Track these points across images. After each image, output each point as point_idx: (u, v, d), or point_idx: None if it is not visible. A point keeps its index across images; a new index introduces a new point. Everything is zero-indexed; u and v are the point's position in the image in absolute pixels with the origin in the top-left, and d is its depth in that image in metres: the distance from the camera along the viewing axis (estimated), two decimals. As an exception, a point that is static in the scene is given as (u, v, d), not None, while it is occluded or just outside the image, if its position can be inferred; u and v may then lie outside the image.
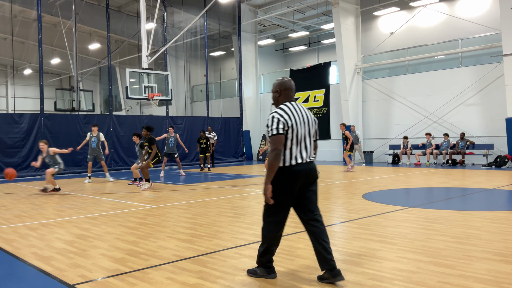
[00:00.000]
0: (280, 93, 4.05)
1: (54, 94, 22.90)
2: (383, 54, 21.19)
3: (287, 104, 3.97)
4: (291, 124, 3.85)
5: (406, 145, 19.19)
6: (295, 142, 3.88)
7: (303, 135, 3.93)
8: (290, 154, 3.87)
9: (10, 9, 20.75)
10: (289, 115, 3.87)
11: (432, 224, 6.35)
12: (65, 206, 9.11)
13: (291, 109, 3.92)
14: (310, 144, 4.00)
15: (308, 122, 4.00)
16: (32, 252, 5.26)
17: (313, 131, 4.07)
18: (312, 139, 4.06)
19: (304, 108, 4.05)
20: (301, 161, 3.89)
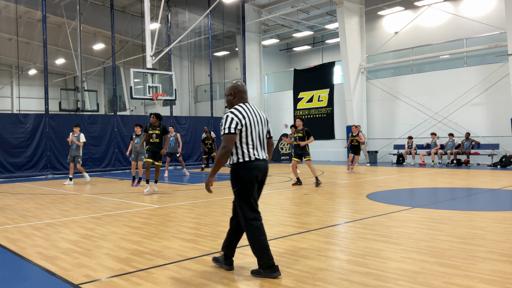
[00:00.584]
0: (234, 95, 4.32)
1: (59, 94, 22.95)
2: (387, 53, 21.13)
3: (241, 105, 4.23)
4: (244, 123, 4.10)
5: (410, 145, 19.13)
6: (250, 140, 4.15)
7: (257, 134, 4.20)
8: (247, 151, 4.13)
9: (15, 9, 20.84)
10: (243, 115, 4.13)
11: (437, 224, 6.33)
12: (69, 206, 9.14)
13: (245, 109, 4.18)
14: (264, 143, 4.29)
15: (261, 122, 4.28)
16: (37, 252, 5.28)
17: (265, 131, 4.35)
18: (265, 138, 4.34)
19: (257, 109, 4.34)
20: (259, 158, 4.17)
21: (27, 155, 16.67)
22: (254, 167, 4.13)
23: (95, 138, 18.46)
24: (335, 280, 3.99)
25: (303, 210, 7.87)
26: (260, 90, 25.82)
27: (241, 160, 4.12)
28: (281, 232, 6.02)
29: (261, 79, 25.88)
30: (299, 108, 24.15)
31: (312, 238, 5.65)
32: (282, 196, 9.89)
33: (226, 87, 4.40)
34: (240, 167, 4.12)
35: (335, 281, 3.96)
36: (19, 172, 16.42)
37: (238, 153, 4.13)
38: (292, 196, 9.78)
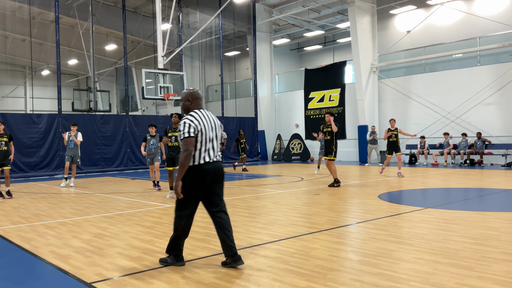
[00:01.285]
0: (192, 102, 4.61)
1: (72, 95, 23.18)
2: (399, 52, 20.98)
3: (197, 111, 4.53)
4: (200, 129, 4.39)
5: (423, 145, 18.97)
6: (204, 144, 4.42)
7: (211, 138, 4.49)
8: (199, 155, 4.40)
9: (28, 11, 21.09)
10: (199, 120, 4.42)
11: (450, 225, 6.27)
12: (82, 205, 9.23)
13: (200, 115, 4.47)
14: (216, 146, 4.57)
15: (215, 127, 4.58)
16: (50, 251, 5.33)
17: (219, 135, 4.64)
18: (218, 141, 4.62)
19: (211, 115, 4.64)
20: (209, 160, 4.43)
21: (40, 154, 16.86)
22: (204, 170, 4.40)
23: (107, 138, 18.60)
24: (346, 281, 3.97)
25: (314, 210, 7.85)
26: (271, 90, 25.81)
27: (191, 163, 4.39)
28: (292, 232, 6.01)
29: (272, 79, 25.86)
30: (310, 107, 24.09)
31: (323, 238, 5.63)
32: (293, 196, 9.87)
33: (183, 93, 4.65)
34: (191, 169, 4.38)
35: (347, 282, 3.94)
36: (33, 171, 16.61)
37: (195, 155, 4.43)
38: (303, 196, 9.76)
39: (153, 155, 11.65)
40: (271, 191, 10.95)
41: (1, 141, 10.43)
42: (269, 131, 25.56)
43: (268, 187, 11.83)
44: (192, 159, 4.37)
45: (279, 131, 25.75)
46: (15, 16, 24.79)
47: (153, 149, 11.60)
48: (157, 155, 11.69)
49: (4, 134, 10.52)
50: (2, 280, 4.31)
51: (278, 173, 16.21)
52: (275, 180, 13.58)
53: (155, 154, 11.67)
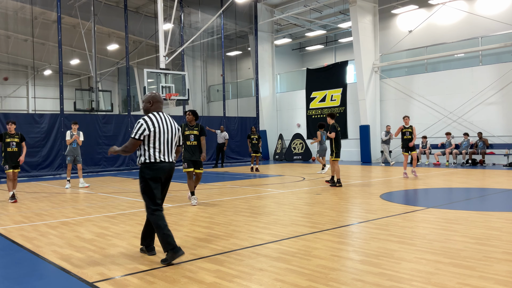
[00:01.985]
0: (152, 104, 4.93)
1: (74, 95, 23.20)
2: (401, 52, 20.96)
3: (155, 113, 4.86)
4: (153, 130, 4.72)
5: (425, 144, 18.95)
6: (158, 144, 4.76)
7: (165, 140, 4.81)
8: (153, 153, 4.75)
9: (31, 11, 21.13)
10: (154, 122, 4.75)
11: (452, 224, 6.26)
12: (84, 205, 9.25)
13: (157, 118, 4.81)
14: (171, 148, 4.90)
15: (172, 130, 4.91)
16: (52, 250, 5.35)
17: (176, 138, 4.98)
18: (174, 144, 4.95)
19: (169, 118, 4.97)
20: (164, 160, 4.79)
21: (42, 154, 16.90)
22: (158, 168, 4.75)
23: (109, 137, 18.63)
24: (348, 280, 3.97)
25: (315, 210, 7.85)
26: (272, 90, 25.81)
27: (147, 161, 4.75)
28: (294, 232, 6.02)
29: (273, 79, 25.86)
30: (311, 107, 24.08)
31: (325, 238, 5.63)
32: (294, 195, 9.88)
33: (145, 96, 4.97)
34: (146, 167, 4.76)
35: (348, 281, 3.95)
36: (35, 171, 16.65)
37: (146, 155, 4.76)
38: (305, 196, 9.76)
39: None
40: (272, 190, 10.96)
41: (12, 142, 9.80)
42: (270, 131, 25.56)
43: (270, 186, 11.84)
44: (148, 157, 4.75)
45: (280, 131, 25.75)
46: (17, 16, 24.84)
47: None
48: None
49: (16, 135, 9.90)
50: (4, 279, 4.32)
51: (280, 173, 16.21)
52: (276, 180, 13.58)
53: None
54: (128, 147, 4.78)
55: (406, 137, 13.32)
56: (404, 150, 13.45)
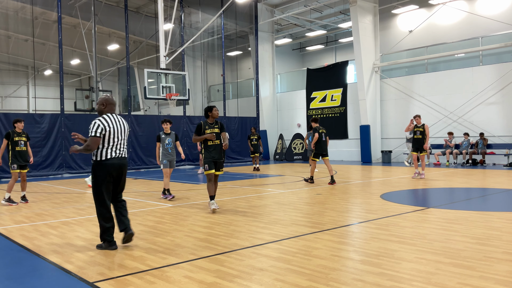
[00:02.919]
0: (106, 106, 5.48)
1: (74, 95, 23.24)
2: (401, 52, 20.95)
3: (108, 115, 5.42)
4: (108, 130, 5.29)
5: (425, 144, 18.91)
6: (112, 143, 5.34)
7: (118, 138, 5.39)
8: (106, 151, 5.31)
9: (31, 11, 21.14)
10: (108, 122, 5.32)
11: (452, 225, 6.26)
12: (85, 205, 9.25)
13: (111, 118, 5.38)
14: (123, 145, 5.49)
15: (123, 129, 5.49)
16: (52, 250, 5.35)
17: (126, 136, 5.56)
18: (125, 142, 5.53)
19: (120, 119, 5.52)
20: (115, 156, 5.35)
21: (43, 154, 16.90)
22: (110, 164, 5.31)
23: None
24: (348, 280, 3.98)
25: (316, 209, 7.85)
26: (273, 90, 25.81)
27: (99, 158, 5.31)
28: (294, 232, 6.02)
29: (274, 79, 25.85)
30: (312, 107, 24.08)
31: (325, 238, 5.63)
32: (295, 195, 9.88)
33: (100, 98, 5.53)
34: (98, 164, 5.31)
35: (349, 281, 3.95)
36: (35, 171, 16.64)
37: (99, 153, 5.31)
38: (305, 196, 9.76)
39: (171, 156, 9.92)
40: (273, 190, 10.96)
41: (20, 141, 9.53)
42: (271, 131, 25.56)
43: (270, 186, 11.84)
44: (100, 155, 5.29)
45: (281, 131, 25.75)
46: (17, 16, 24.84)
47: (169, 149, 9.85)
48: (174, 158, 10.02)
49: (23, 133, 9.65)
50: (5, 279, 4.33)
51: (280, 173, 16.22)
52: (277, 180, 13.58)
53: (173, 156, 9.96)
54: (90, 145, 5.23)
55: (417, 136, 13.04)
56: (414, 149, 13.20)
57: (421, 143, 12.92)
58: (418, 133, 13.03)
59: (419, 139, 13.00)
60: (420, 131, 12.98)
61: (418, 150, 13.03)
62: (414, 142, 13.16)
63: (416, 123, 13.16)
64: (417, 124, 13.14)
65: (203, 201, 9.27)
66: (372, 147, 20.97)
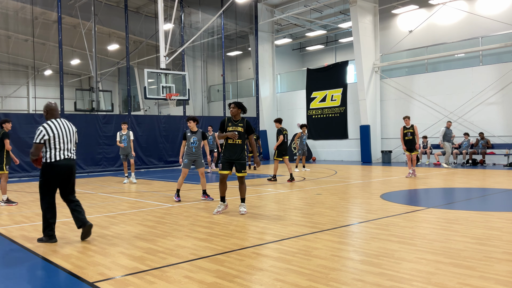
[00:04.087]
0: (47, 113, 5.87)
1: (74, 95, 23.23)
2: (401, 52, 20.96)
3: (53, 120, 5.81)
4: (52, 135, 5.66)
5: (425, 144, 18.94)
6: (58, 145, 5.69)
7: (63, 142, 5.75)
8: (54, 154, 5.67)
9: (31, 11, 21.14)
10: (52, 128, 5.70)
11: (452, 225, 6.26)
12: (85, 205, 9.23)
13: (55, 124, 5.76)
14: (70, 147, 5.85)
15: (69, 133, 5.85)
16: (52, 250, 5.35)
17: (73, 139, 5.92)
18: (73, 144, 5.89)
19: (66, 123, 5.90)
20: (63, 158, 5.72)
21: (43, 154, 16.88)
22: (58, 166, 5.67)
23: (109, 137, 18.62)
24: (348, 280, 3.98)
25: (316, 210, 7.85)
26: (273, 90, 25.80)
27: (48, 160, 5.65)
28: (294, 232, 6.02)
29: (274, 79, 25.86)
30: (312, 107, 24.08)
31: (325, 238, 5.63)
32: (295, 195, 9.88)
33: (44, 105, 5.91)
34: (47, 165, 5.66)
35: (349, 281, 3.95)
36: (36, 171, 16.63)
37: (47, 155, 5.66)
38: (305, 196, 9.76)
39: (195, 156, 9.44)
40: (273, 190, 10.96)
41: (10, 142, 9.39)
42: (271, 131, 25.52)
43: (270, 186, 11.83)
44: (49, 157, 5.65)
45: (281, 131, 25.73)
46: (17, 16, 24.83)
47: (193, 148, 9.38)
48: (200, 157, 9.55)
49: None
50: (5, 279, 4.33)
51: (280, 173, 16.22)
52: (277, 180, 13.58)
53: (198, 156, 9.48)
54: (33, 152, 5.65)
55: (408, 138, 13.36)
56: (406, 149, 13.50)
57: (413, 143, 13.29)
58: (409, 135, 13.34)
59: (410, 140, 13.31)
60: (411, 132, 13.30)
61: (411, 150, 13.37)
62: (406, 143, 13.41)
63: (405, 125, 13.44)
64: (406, 125, 13.42)
65: (203, 201, 9.27)
66: (372, 147, 20.97)
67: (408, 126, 13.40)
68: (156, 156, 20.16)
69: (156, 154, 20.16)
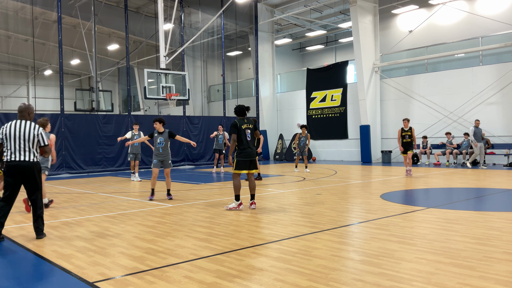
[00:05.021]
0: (18, 113, 5.98)
1: (74, 95, 23.22)
2: (401, 52, 20.96)
3: (14, 121, 5.93)
4: (4, 135, 5.86)
5: (425, 144, 18.95)
6: (9, 147, 5.82)
7: (12, 143, 5.82)
8: (8, 154, 5.84)
9: (31, 11, 21.14)
10: (6, 128, 5.87)
11: (452, 225, 6.26)
12: (84, 205, 9.25)
13: (11, 124, 5.90)
14: (22, 150, 5.82)
15: (21, 135, 5.82)
16: (53, 250, 5.35)
17: (26, 141, 5.83)
18: (25, 146, 5.82)
19: (21, 124, 5.89)
20: (14, 159, 5.80)
21: (43, 154, 16.87)
22: (10, 166, 5.80)
23: (109, 137, 18.62)
24: (348, 280, 3.98)
25: (316, 210, 7.85)
26: (273, 90, 25.80)
27: (4, 159, 5.89)
28: (294, 232, 6.02)
29: (274, 79, 25.86)
30: (312, 107, 24.08)
31: (325, 238, 5.63)
32: (294, 196, 9.88)
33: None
34: (4, 165, 5.88)
35: (349, 281, 3.95)
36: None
37: (4, 155, 5.88)
38: (305, 196, 9.76)
39: (162, 156, 9.67)
40: (273, 191, 10.96)
41: None
42: (271, 130, 25.56)
43: (270, 186, 11.84)
44: (5, 157, 5.84)
45: (281, 130, 25.75)
46: (17, 16, 24.83)
47: (160, 149, 9.61)
48: (168, 157, 9.74)
49: None
50: (5, 279, 4.33)
51: (280, 173, 16.22)
52: (277, 180, 13.58)
53: (165, 155, 9.69)
54: None
55: (406, 140, 13.77)
56: (403, 151, 13.92)
57: (410, 145, 13.79)
58: (407, 137, 13.76)
59: (408, 142, 13.77)
60: (408, 135, 13.75)
61: (407, 151, 13.80)
62: (403, 145, 13.80)
63: (404, 127, 13.86)
64: (405, 128, 13.83)
65: (204, 201, 9.27)
66: (372, 147, 20.97)
67: (406, 129, 13.80)
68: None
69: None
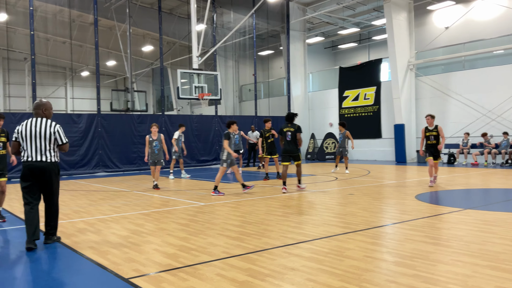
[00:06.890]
0: (33, 110, 5.71)
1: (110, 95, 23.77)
2: (437, 49, 20.45)
3: (30, 119, 5.63)
4: (20, 134, 5.57)
5: (466, 142, 18.32)
6: (25, 146, 5.54)
7: (28, 143, 5.52)
8: (24, 154, 5.55)
9: (69, 14, 21.76)
10: (22, 127, 5.58)
11: (490, 226, 6.07)
12: (120, 202, 9.46)
13: (28, 123, 5.58)
14: (38, 149, 5.52)
15: (36, 134, 5.52)
16: (89, 246, 5.51)
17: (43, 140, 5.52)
18: (42, 145, 5.53)
19: (37, 123, 5.57)
20: (28, 160, 5.50)
21: (80, 153, 17.41)
22: (25, 166, 5.51)
23: (144, 137, 18.92)
24: (381, 282, 3.92)
25: (348, 210, 7.77)
26: (304, 89, 25.67)
27: (21, 160, 5.60)
28: (326, 232, 5.98)
29: (305, 78, 25.72)
30: (344, 106, 23.83)
31: (358, 238, 5.57)
32: (327, 196, 9.80)
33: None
34: (22, 165, 5.57)
35: (382, 283, 3.89)
36: (73, 169, 17.16)
37: (22, 155, 5.61)
38: (337, 196, 9.68)
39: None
40: (304, 190, 10.91)
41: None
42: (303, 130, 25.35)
43: (302, 186, 11.77)
44: (22, 157, 5.57)
45: (312, 130, 25.59)
46: (56, 19, 25.62)
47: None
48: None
49: (2, 132, 7.53)
50: (45, 274, 4.48)
51: (312, 173, 16.12)
52: (308, 180, 13.51)
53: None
54: (10, 149, 5.89)
55: (430, 142, 10.90)
56: (428, 154, 10.93)
57: (436, 148, 10.89)
58: (432, 138, 10.88)
59: (433, 144, 10.90)
60: (434, 135, 10.86)
61: (434, 156, 10.90)
62: (428, 147, 10.97)
63: (428, 126, 11.02)
64: (429, 126, 11.00)
65: (235, 200, 9.33)
66: (407, 147, 20.56)
67: (431, 128, 10.95)
68: (188, 155, 20.39)
69: (189, 153, 20.36)
